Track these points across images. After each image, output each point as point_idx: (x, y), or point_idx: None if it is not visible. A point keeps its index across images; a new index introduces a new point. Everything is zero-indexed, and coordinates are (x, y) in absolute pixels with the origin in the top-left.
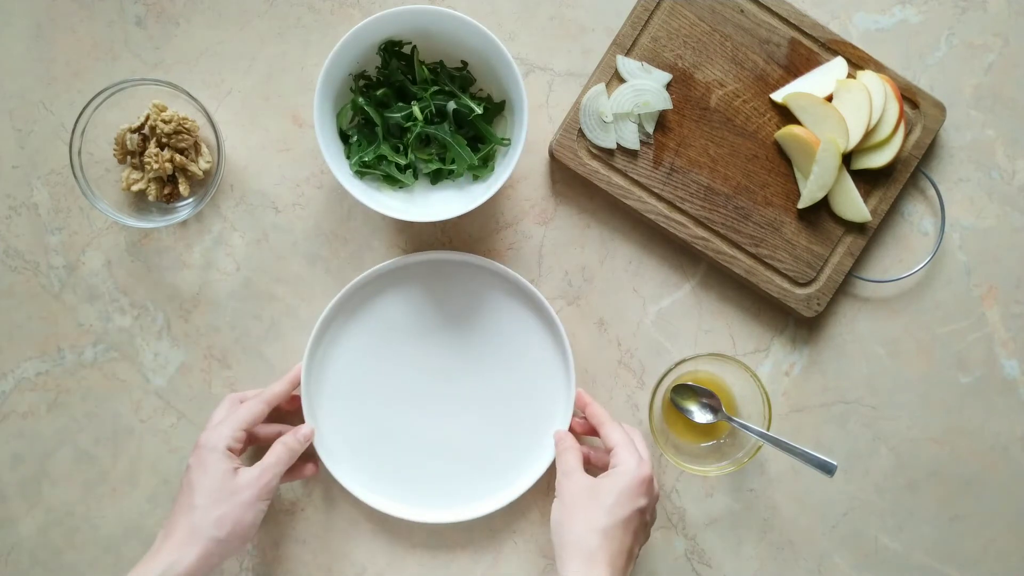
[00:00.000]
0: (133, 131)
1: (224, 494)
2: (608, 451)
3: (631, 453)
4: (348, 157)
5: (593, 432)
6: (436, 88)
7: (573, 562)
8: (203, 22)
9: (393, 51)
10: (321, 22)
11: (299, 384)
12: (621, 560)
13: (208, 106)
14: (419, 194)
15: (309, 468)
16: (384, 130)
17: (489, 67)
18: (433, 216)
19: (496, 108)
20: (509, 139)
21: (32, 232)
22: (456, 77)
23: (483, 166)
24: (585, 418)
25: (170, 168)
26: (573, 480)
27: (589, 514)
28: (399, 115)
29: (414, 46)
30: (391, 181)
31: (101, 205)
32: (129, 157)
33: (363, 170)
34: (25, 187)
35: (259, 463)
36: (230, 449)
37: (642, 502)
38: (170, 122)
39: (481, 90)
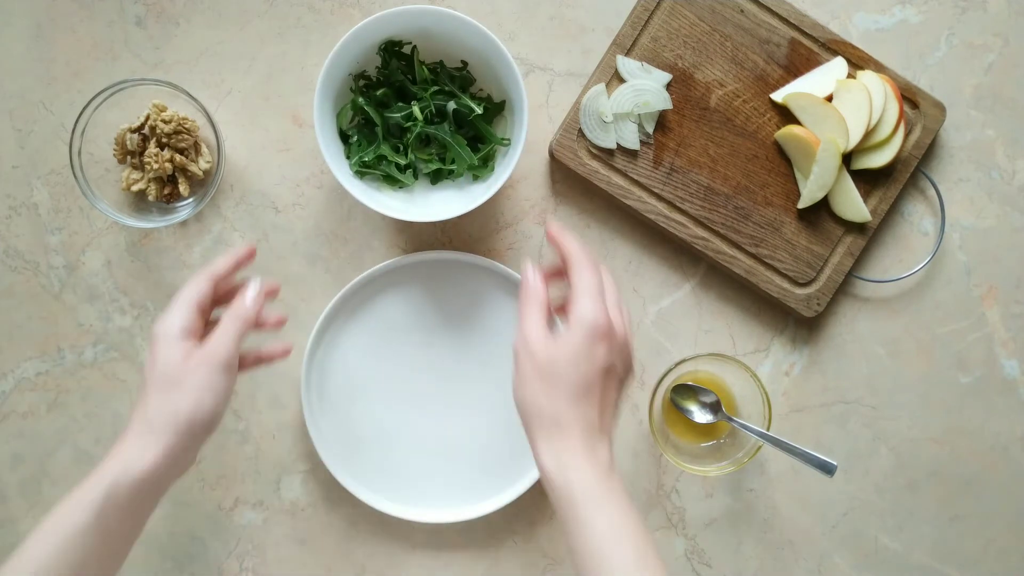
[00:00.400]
0: (133, 131)
1: (177, 380)
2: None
3: (585, 302)
4: (348, 157)
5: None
6: (436, 88)
7: (542, 437)
8: (203, 22)
9: (393, 51)
10: (321, 22)
11: (244, 262)
12: (594, 420)
13: (208, 106)
14: (419, 194)
15: (280, 348)
16: (384, 130)
17: (489, 67)
18: (433, 216)
19: (496, 108)
20: (509, 139)
21: (32, 232)
22: (456, 77)
23: (483, 166)
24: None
25: (170, 168)
26: (528, 348)
27: (546, 385)
28: (399, 115)
29: (414, 46)
30: (391, 181)
31: (101, 205)
32: (129, 157)
33: (363, 170)
34: (25, 187)
35: (208, 336)
36: (186, 331)
37: (600, 356)
38: (170, 122)
39: (481, 90)
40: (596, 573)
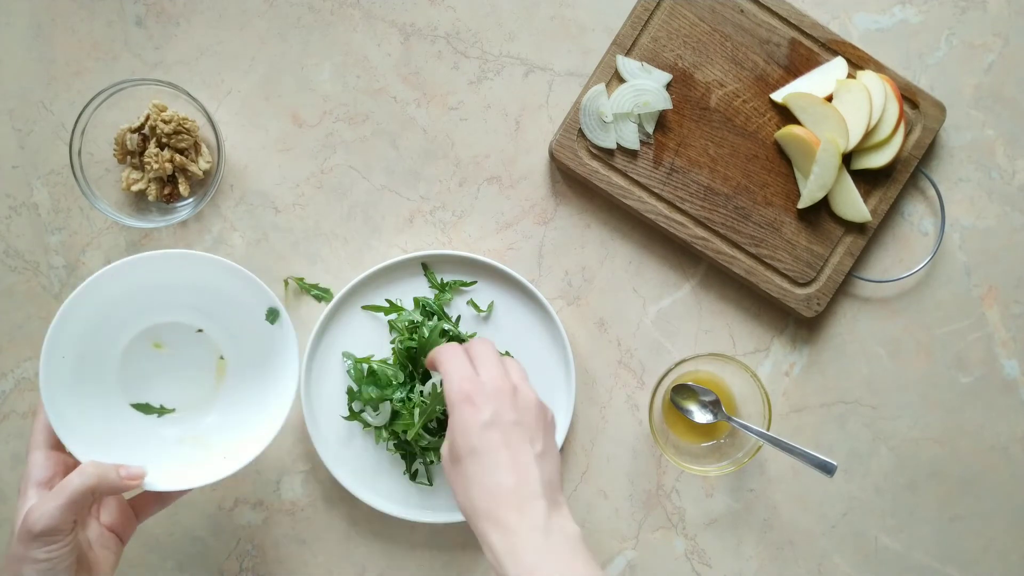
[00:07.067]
0: (133, 131)
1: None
2: None
3: (445, 377)
4: None
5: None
6: None
7: (481, 538)
8: (203, 22)
9: None
10: (321, 22)
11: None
12: (509, 486)
13: (208, 106)
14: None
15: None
16: None
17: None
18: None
19: None
20: None
21: (32, 232)
22: None
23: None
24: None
25: (170, 168)
26: (445, 470)
27: (455, 482)
28: None
29: None
30: None
31: (101, 205)
32: (129, 157)
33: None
34: (25, 187)
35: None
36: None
37: (468, 416)
38: (170, 122)
39: None
40: None
